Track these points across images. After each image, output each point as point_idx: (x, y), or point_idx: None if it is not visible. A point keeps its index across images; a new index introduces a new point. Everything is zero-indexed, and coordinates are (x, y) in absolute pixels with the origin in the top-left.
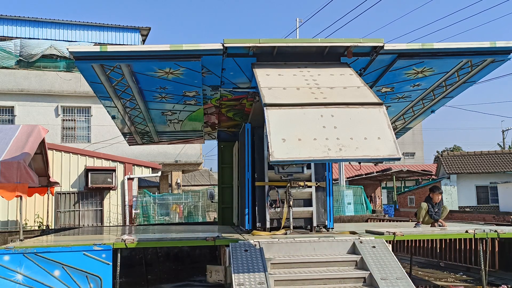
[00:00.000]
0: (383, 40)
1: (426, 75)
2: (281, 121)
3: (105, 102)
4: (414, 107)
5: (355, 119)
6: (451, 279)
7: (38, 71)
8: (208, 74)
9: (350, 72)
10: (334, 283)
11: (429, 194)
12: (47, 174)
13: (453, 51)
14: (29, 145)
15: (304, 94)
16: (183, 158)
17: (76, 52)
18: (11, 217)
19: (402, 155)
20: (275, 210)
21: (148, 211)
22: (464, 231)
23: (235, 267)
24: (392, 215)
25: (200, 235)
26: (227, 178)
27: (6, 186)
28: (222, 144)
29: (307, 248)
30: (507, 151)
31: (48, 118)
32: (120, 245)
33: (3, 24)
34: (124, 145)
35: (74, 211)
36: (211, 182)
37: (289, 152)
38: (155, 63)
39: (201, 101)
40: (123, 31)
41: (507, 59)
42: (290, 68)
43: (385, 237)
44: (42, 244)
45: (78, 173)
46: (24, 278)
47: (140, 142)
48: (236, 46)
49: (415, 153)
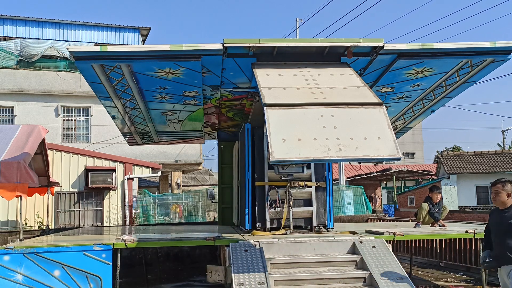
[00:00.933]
0: (383, 40)
1: (426, 75)
2: (281, 121)
3: (105, 102)
4: (414, 107)
5: (355, 119)
6: (451, 279)
7: (38, 71)
8: (208, 74)
9: (350, 72)
10: (334, 283)
11: (429, 194)
12: (47, 174)
13: (453, 51)
14: (29, 145)
15: (304, 94)
16: (183, 158)
17: (76, 52)
18: (11, 217)
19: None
20: (275, 210)
21: (148, 211)
22: (464, 231)
23: (235, 267)
24: (392, 215)
25: (200, 235)
26: (227, 178)
27: (6, 186)
28: (222, 144)
29: (307, 248)
30: (507, 151)
31: (48, 118)
32: (120, 245)
33: (3, 24)
34: (124, 145)
35: (74, 211)
36: (211, 182)
37: (289, 152)
38: (155, 63)
39: (201, 101)
40: (123, 31)
41: (507, 59)
42: (290, 68)
43: (385, 237)
44: (42, 244)
45: (78, 173)
46: (24, 278)
47: (140, 142)
48: (236, 46)
49: (415, 153)
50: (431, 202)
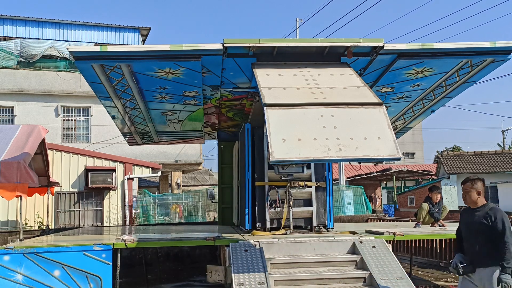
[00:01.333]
0: (383, 40)
1: (426, 75)
2: (281, 121)
3: (105, 102)
4: (414, 107)
5: (355, 119)
6: (451, 279)
7: (38, 71)
8: (208, 74)
9: (350, 72)
10: (334, 283)
11: (429, 194)
12: (47, 174)
13: (453, 51)
14: (29, 145)
15: (304, 94)
16: (183, 158)
17: (76, 52)
18: (11, 217)
19: (402, 155)
20: (275, 210)
21: (148, 211)
22: None
23: (235, 267)
24: (392, 215)
25: (200, 235)
26: (227, 178)
27: (6, 186)
28: (222, 144)
29: (307, 248)
30: (507, 151)
31: (48, 118)
32: (120, 245)
33: (3, 24)
34: (124, 145)
35: (74, 211)
36: (211, 182)
37: (289, 152)
38: (155, 63)
39: (201, 101)
40: (123, 31)
41: (507, 59)
42: (290, 68)
43: (385, 237)
44: (42, 244)
45: (78, 173)
46: (24, 278)
47: (140, 142)
48: (236, 46)
49: (415, 153)
50: (431, 202)
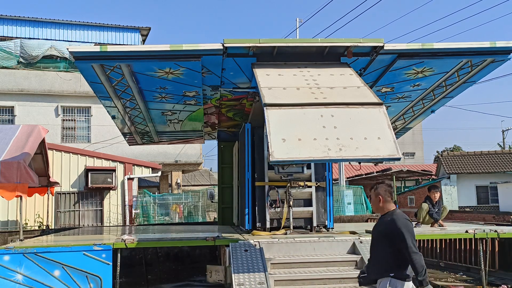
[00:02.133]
0: (383, 40)
1: (426, 75)
2: (281, 121)
3: (105, 102)
4: (414, 107)
5: (355, 119)
6: (451, 279)
7: (38, 71)
8: (208, 74)
9: (350, 72)
10: (334, 283)
11: (428, 194)
12: (47, 174)
13: (453, 51)
14: (29, 145)
15: (304, 94)
16: (183, 158)
17: (76, 52)
18: (11, 217)
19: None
20: (275, 210)
21: (148, 211)
22: (464, 231)
23: (235, 267)
24: None
25: (200, 235)
26: (227, 178)
27: (6, 186)
28: (222, 144)
29: (307, 248)
30: (507, 151)
31: (48, 118)
32: (120, 245)
33: (3, 24)
34: (124, 145)
35: (74, 211)
36: (211, 182)
37: (289, 152)
38: (155, 63)
39: (201, 101)
40: (123, 31)
41: (507, 59)
42: (290, 68)
43: None
44: (42, 244)
45: (78, 173)
46: (24, 278)
47: (140, 142)
48: (236, 46)
49: (415, 153)
50: (431, 201)
